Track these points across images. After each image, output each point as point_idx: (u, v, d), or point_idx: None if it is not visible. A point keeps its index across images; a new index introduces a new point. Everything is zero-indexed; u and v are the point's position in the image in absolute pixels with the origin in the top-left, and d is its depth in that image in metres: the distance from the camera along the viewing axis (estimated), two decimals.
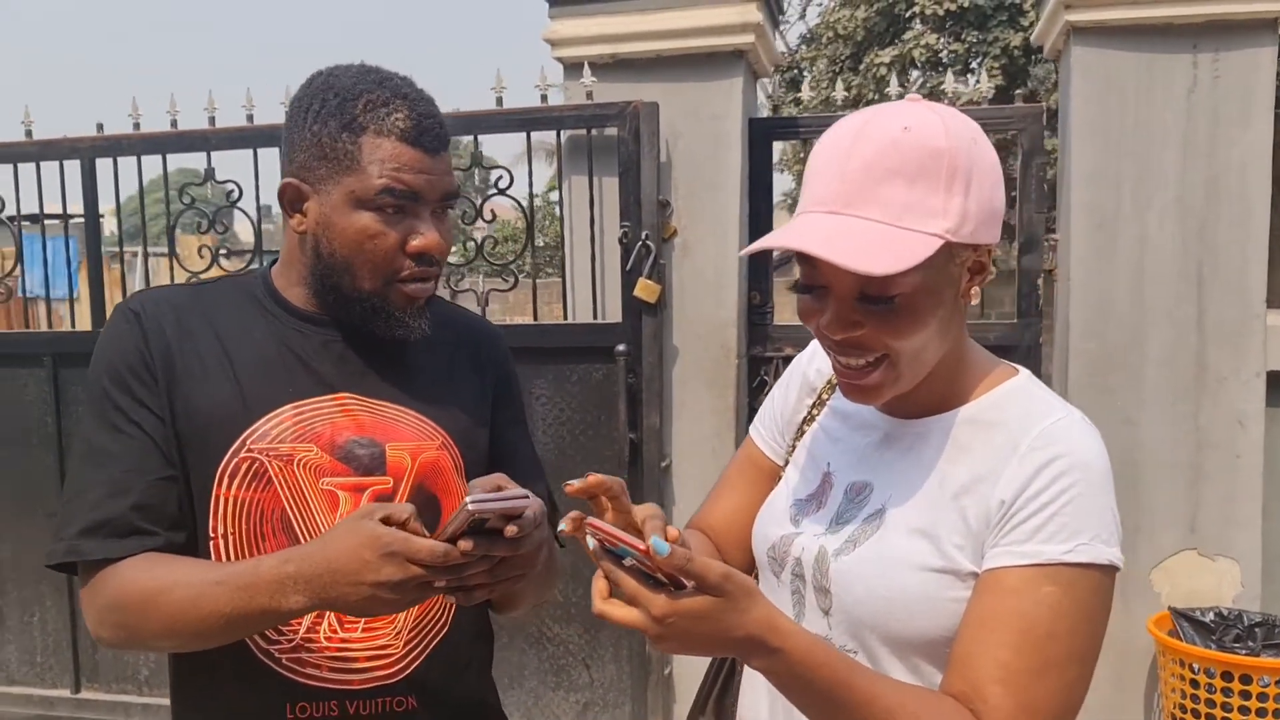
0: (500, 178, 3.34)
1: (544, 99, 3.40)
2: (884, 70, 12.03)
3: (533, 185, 3.46)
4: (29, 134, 3.73)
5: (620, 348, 3.21)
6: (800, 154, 11.16)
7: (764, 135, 3.42)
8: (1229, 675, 2.80)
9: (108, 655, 3.82)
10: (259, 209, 3.55)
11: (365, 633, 1.25)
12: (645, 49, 3.27)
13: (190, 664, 1.27)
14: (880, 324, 1.01)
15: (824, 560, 1.09)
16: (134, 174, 3.65)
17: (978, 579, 1.00)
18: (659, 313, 3.26)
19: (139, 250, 8.42)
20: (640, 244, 3.19)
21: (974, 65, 12.55)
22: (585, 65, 3.27)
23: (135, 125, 3.61)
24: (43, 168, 3.71)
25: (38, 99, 4.21)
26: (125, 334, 1.25)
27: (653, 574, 0.89)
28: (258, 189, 3.50)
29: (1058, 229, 3.34)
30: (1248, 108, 2.96)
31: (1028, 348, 3.17)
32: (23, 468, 3.77)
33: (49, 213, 3.79)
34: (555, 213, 16.19)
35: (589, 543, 0.93)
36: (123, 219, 3.89)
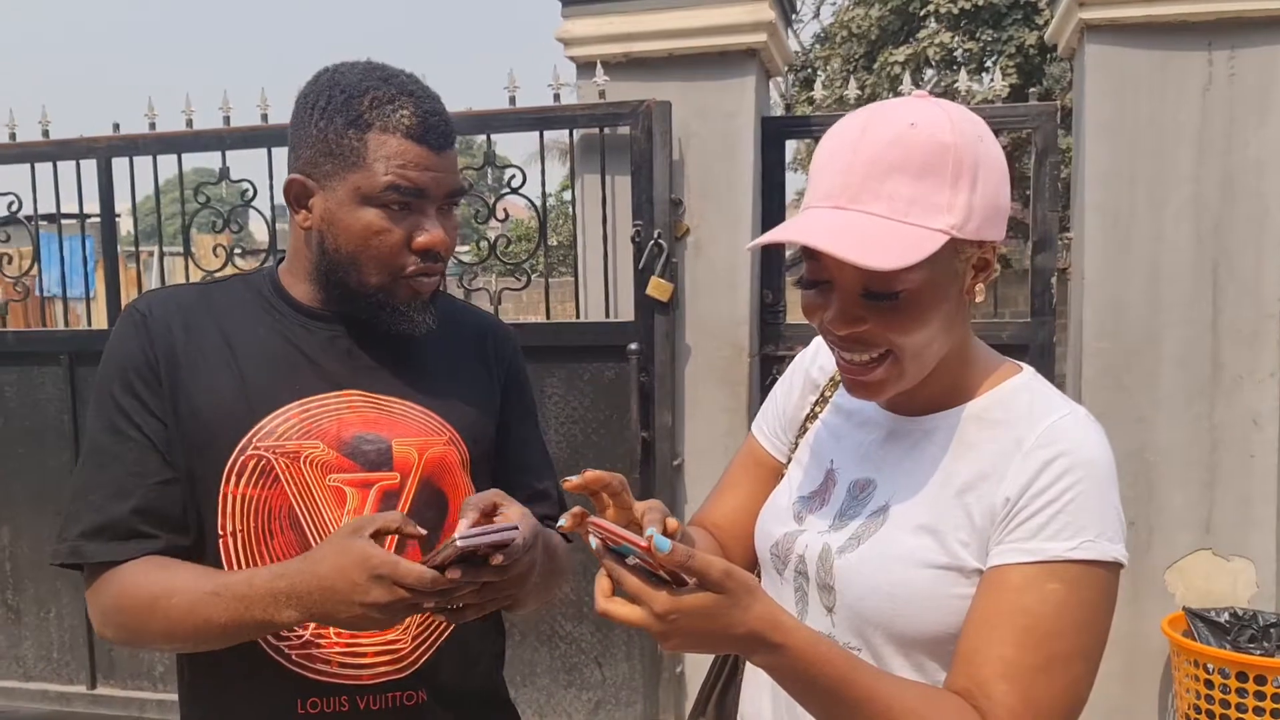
0: (513, 177, 3.35)
1: (557, 98, 3.42)
2: (898, 69, 12.00)
3: (545, 184, 3.47)
4: (46, 134, 3.76)
5: (633, 346, 3.22)
6: (813, 152, 11.10)
7: (776, 134, 3.41)
8: (1244, 676, 2.78)
9: (123, 651, 3.85)
10: (273, 208, 3.57)
11: (368, 630, 1.25)
12: (658, 48, 3.28)
13: (199, 662, 1.28)
14: (884, 320, 1.01)
15: (827, 557, 1.09)
16: (150, 173, 3.68)
17: (982, 576, 1.00)
18: (671, 311, 3.26)
19: (154, 249, 8.46)
20: (653, 243, 3.19)
21: (988, 64, 12.50)
22: (598, 64, 3.28)
23: (151, 125, 3.63)
24: (59, 167, 3.74)
25: (54, 99, 4.23)
26: (131, 336, 1.26)
27: (655, 571, 0.89)
28: (272, 188, 3.52)
29: (1072, 227, 3.32)
30: (1264, 105, 2.94)
31: (1041, 346, 3.16)
32: (40, 465, 3.81)
33: (65, 212, 3.81)
34: (568, 212, 16.24)
35: (591, 541, 0.93)
36: (139, 218, 3.92)
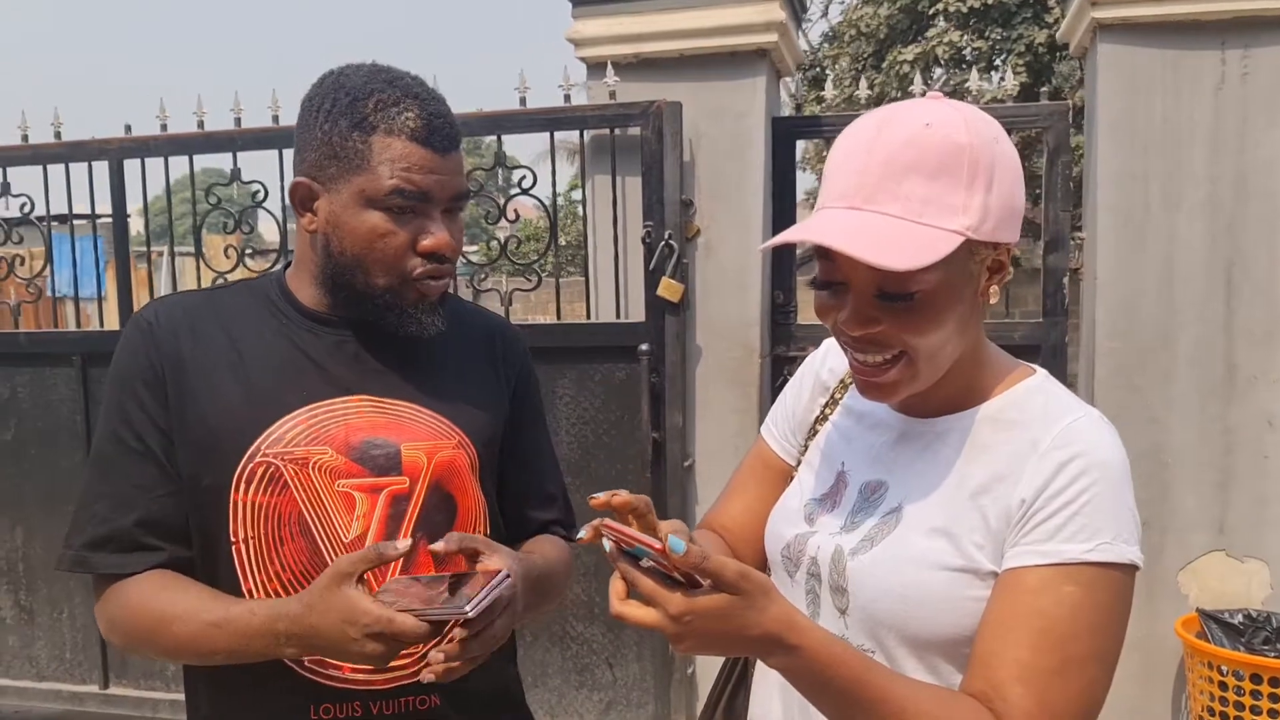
0: (524, 177, 3.35)
1: (567, 99, 3.41)
2: (907, 68, 11.96)
3: (555, 185, 3.46)
4: (58, 135, 3.78)
5: (643, 347, 3.22)
6: (822, 153, 11.13)
7: (787, 134, 3.41)
8: (1258, 678, 2.77)
9: None
10: (284, 209, 3.57)
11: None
12: (668, 48, 3.27)
13: (210, 668, 1.28)
14: (899, 321, 1.00)
15: (840, 559, 1.09)
16: (160, 174, 3.69)
17: (998, 578, 1.00)
18: (682, 312, 3.26)
19: (163, 250, 8.49)
20: (663, 243, 3.19)
21: (998, 63, 12.47)
22: (608, 65, 3.27)
23: (163, 127, 3.64)
24: (71, 169, 3.75)
25: (65, 101, 4.25)
26: (138, 346, 1.27)
27: (670, 574, 0.89)
28: (283, 189, 3.52)
29: (1084, 227, 3.31)
30: (1277, 104, 2.93)
31: (1053, 347, 3.15)
32: (52, 466, 3.82)
33: (77, 213, 3.83)
34: (577, 212, 16.24)
35: (605, 544, 0.93)
36: (149, 219, 3.93)
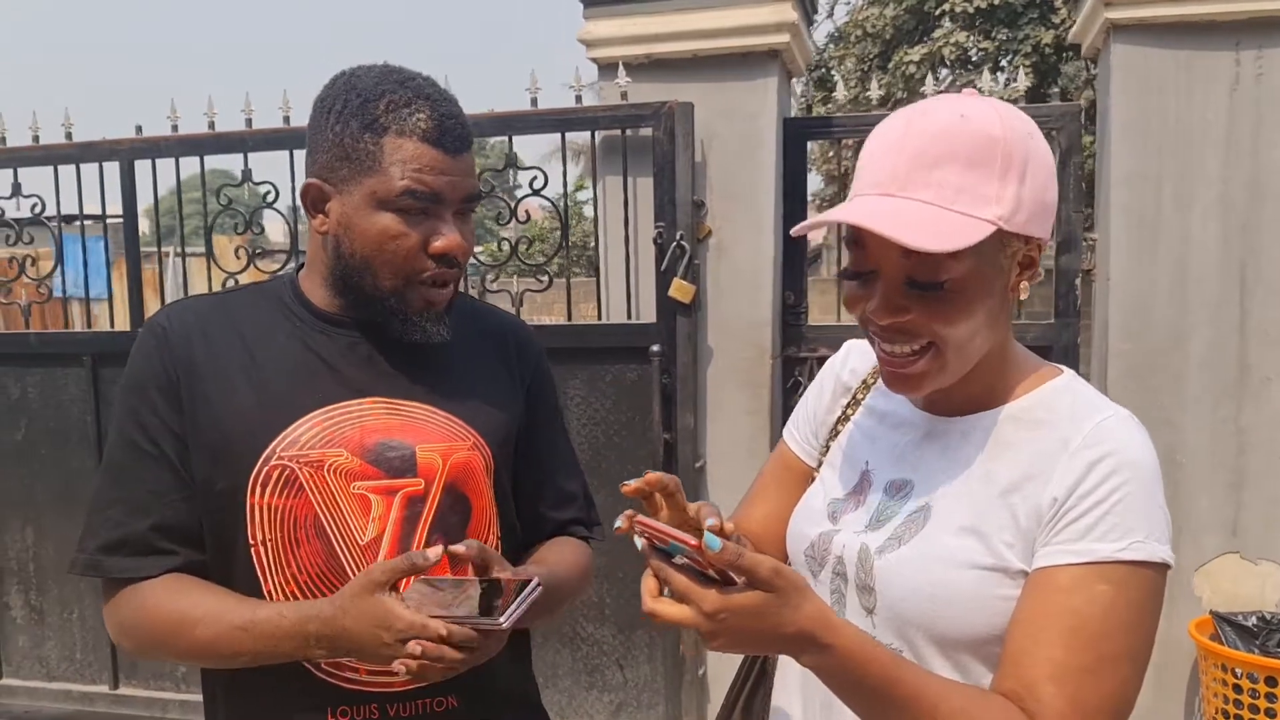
0: (535, 178, 3.35)
1: (578, 99, 3.41)
2: (913, 68, 11.96)
3: (566, 186, 3.46)
4: (69, 136, 3.78)
5: (655, 348, 3.21)
6: (829, 153, 11.12)
7: (798, 135, 3.41)
8: (1272, 680, 2.76)
9: None
10: (294, 210, 3.57)
11: None
12: (680, 49, 3.27)
13: (226, 672, 1.28)
14: (928, 310, 1.00)
15: (867, 558, 1.08)
16: (171, 175, 3.69)
17: (1029, 577, 1.00)
18: (693, 313, 3.25)
19: (170, 250, 8.49)
20: (675, 244, 3.19)
21: (1004, 63, 12.45)
22: (620, 65, 3.27)
23: (174, 127, 3.65)
24: (82, 169, 3.75)
25: (77, 102, 4.25)
26: (151, 351, 1.27)
27: (703, 571, 0.88)
28: (294, 190, 3.53)
29: (1096, 228, 3.30)
30: None
31: (1065, 348, 3.14)
32: (63, 466, 3.83)
33: (88, 214, 3.83)
34: (583, 213, 16.25)
35: (637, 541, 0.92)
36: (159, 220, 3.93)
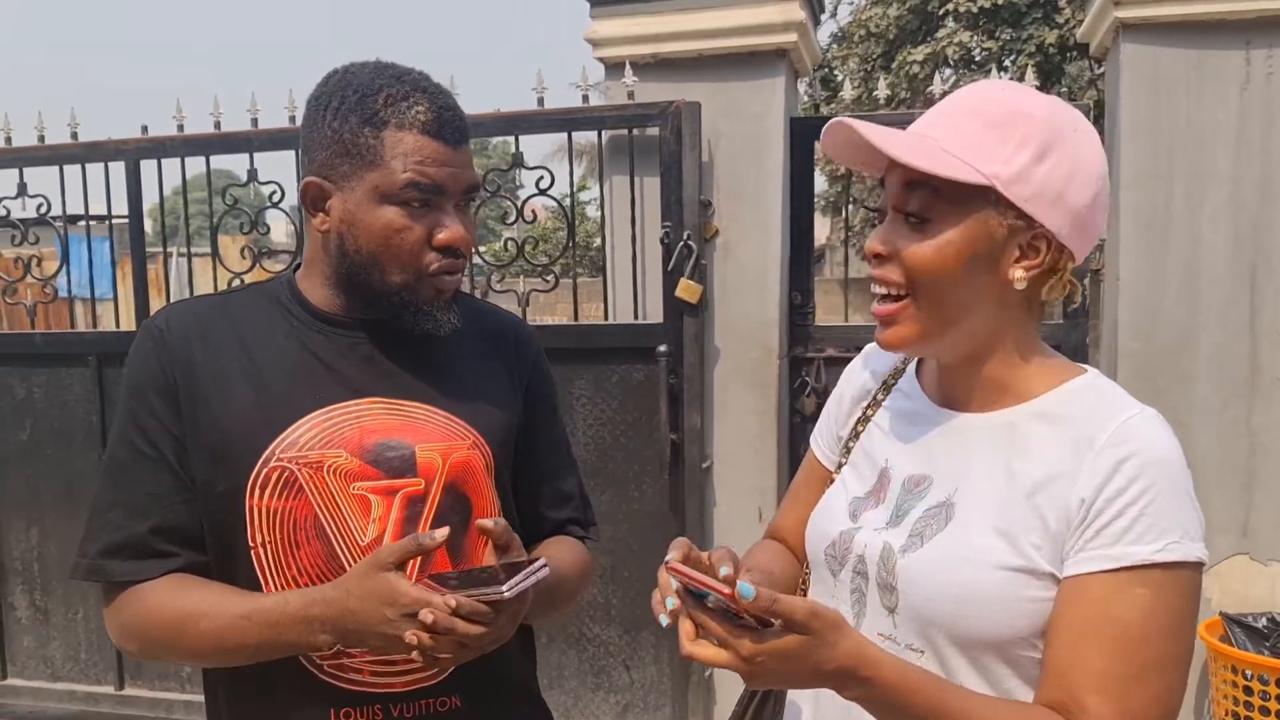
0: (541, 178, 3.34)
1: (585, 99, 3.40)
2: (917, 68, 11.95)
3: (574, 186, 3.45)
4: (75, 136, 3.78)
5: (661, 348, 3.20)
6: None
7: (805, 134, 3.39)
8: None
9: None
10: (300, 210, 3.56)
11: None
12: (687, 48, 3.26)
13: (229, 673, 1.27)
14: (909, 243, 1.04)
15: (889, 557, 1.07)
16: (176, 175, 3.69)
17: (1064, 584, 0.99)
18: (700, 313, 3.24)
19: (174, 250, 8.49)
20: (682, 244, 3.18)
21: (1008, 63, 12.43)
22: (627, 65, 3.26)
23: (179, 127, 3.64)
24: (88, 169, 3.75)
25: (83, 102, 4.25)
26: (149, 353, 1.27)
27: (738, 613, 0.91)
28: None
29: (1106, 228, 3.29)
30: None
31: (1074, 348, 3.13)
32: (68, 466, 3.82)
33: (94, 214, 3.83)
34: (585, 212, 16.23)
35: (671, 584, 0.95)
36: (164, 220, 3.92)
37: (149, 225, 4.11)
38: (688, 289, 3.19)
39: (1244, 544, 3.00)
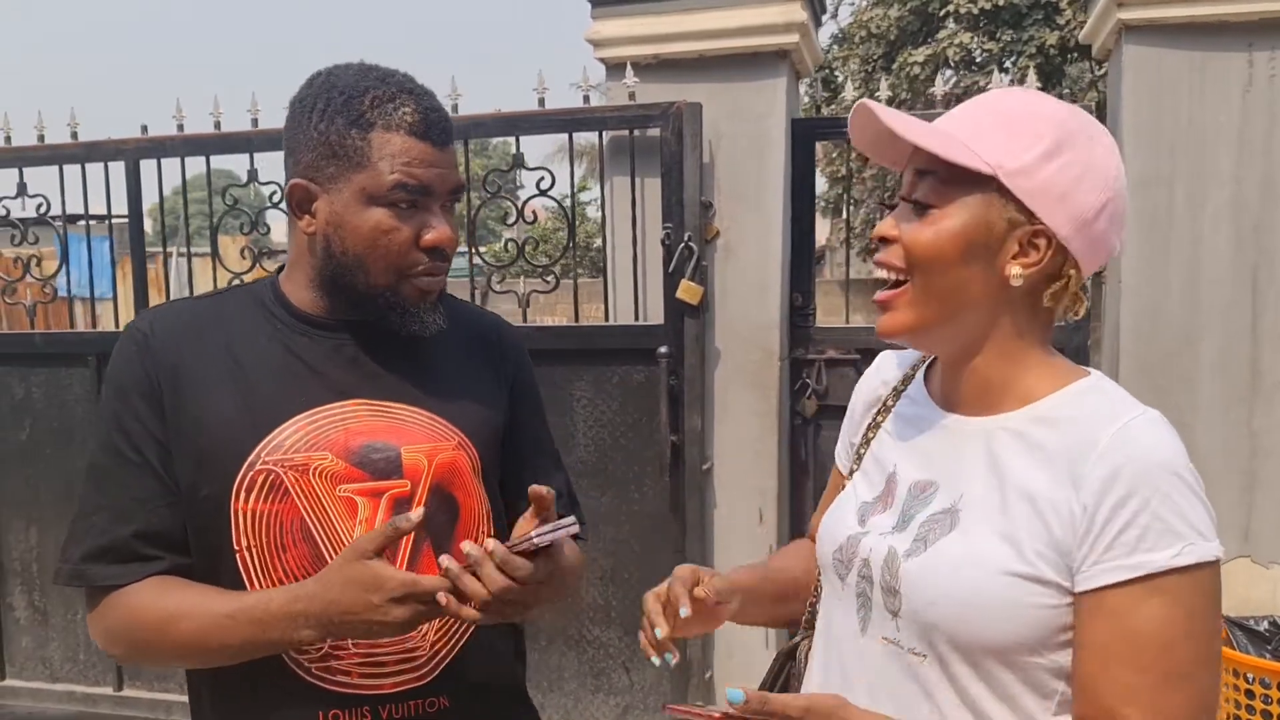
0: (541, 179, 3.34)
1: (586, 100, 3.40)
2: (917, 69, 11.95)
3: (574, 187, 3.45)
4: (75, 136, 3.77)
5: (662, 349, 3.20)
6: (832, 155, 11.10)
7: (807, 136, 3.38)
8: None
9: None
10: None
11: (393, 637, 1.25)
12: (688, 49, 3.25)
13: (215, 676, 1.27)
14: (912, 230, 1.06)
15: (894, 561, 1.07)
16: (176, 175, 3.68)
17: (1083, 599, 0.98)
18: (701, 314, 3.24)
19: (174, 250, 8.49)
20: (683, 245, 3.17)
21: (1008, 65, 12.44)
22: (628, 65, 3.26)
23: (179, 127, 3.64)
24: (87, 169, 3.74)
25: (83, 102, 4.24)
26: (133, 357, 1.26)
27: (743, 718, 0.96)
28: None
29: None
30: None
31: (1075, 350, 3.12)
32: (67, 466, 3.81)
33: (93, 213, 3.82)
34: (587, 213, 16.23)
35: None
36: (164, 220, 3.92)
37: (149, 225, 4.10)
38: (688, 290, 3.19)
39: (1245, 547, 3.00)
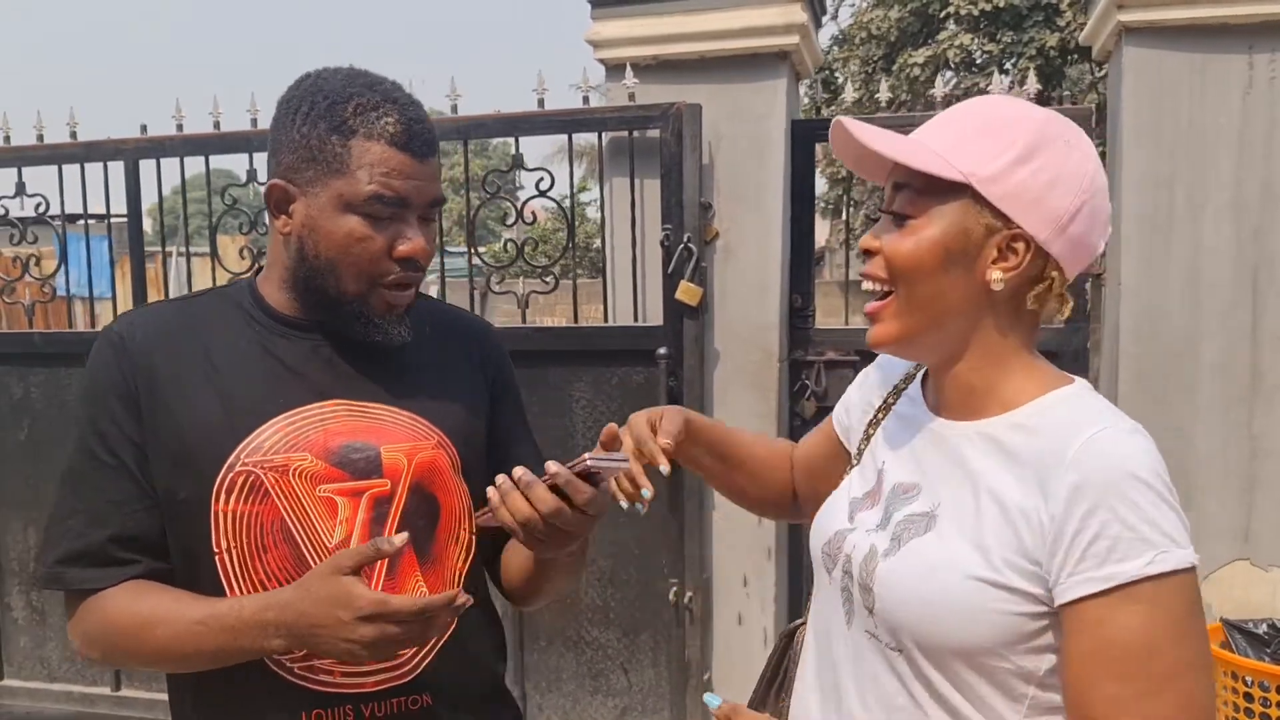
0: (541, 179, 3.33)
1: (585, 101, 3.39)
2: (918, 71, 11.95)
3: (574, 187, 3.44)
4: (74, 135, 3.77)
5: (661, 351, 3.19)
6: (832, 156, 11.11)
7: (806, 137, 3.37)
8: None
9: None
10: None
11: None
12: (688, 50, 3.25)
13: (198, 675, 1.27)
14: (893, 242, 1.07)
15: (872, 559, 1.09)
16: (176, 175, 3.68)
17: (1063, 612, 0.98)
18: (700, 315, 3.24)
19: (173, 250, 8.48)
20: (682, 246, 3.17)
21: (1008, 66, 12.44)
22: (628, 66, 3.25)
23: (179, 127, 3.63)
24: (86, 169, 3.74)
25: (82, 102, 4.24)
26: (109, 361, 1.26)
27: None
28: None
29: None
30: None
31: (1075, 353, 3.12)
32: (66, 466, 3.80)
33: (92, 213, 3.82)
34: (586, 214, 16.23)
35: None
36: (163, 219, 3.91)
37: (148, 225, 4.09)
38: (688, 291, 3.18)
39: (1245, 549, 2.99)
